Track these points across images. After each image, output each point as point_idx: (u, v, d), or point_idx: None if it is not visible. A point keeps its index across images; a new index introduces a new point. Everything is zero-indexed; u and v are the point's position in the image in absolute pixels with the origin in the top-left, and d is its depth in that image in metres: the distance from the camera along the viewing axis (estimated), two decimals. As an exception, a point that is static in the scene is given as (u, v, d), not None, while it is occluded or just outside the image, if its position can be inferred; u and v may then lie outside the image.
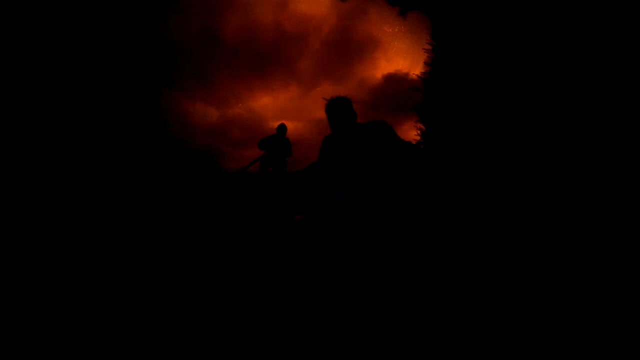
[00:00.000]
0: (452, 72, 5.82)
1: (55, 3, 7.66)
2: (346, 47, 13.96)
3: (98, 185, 6.78)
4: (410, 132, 11.75)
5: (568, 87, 4.18)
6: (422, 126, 7.43)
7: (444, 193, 4.61)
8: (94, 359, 2.77)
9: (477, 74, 5.26)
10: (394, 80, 14.60)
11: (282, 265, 4.54)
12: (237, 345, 2.86)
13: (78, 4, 8.01)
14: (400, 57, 14.75)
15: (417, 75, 7.57)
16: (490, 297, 3.18)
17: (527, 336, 2.68)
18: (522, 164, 4.56)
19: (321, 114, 3.32)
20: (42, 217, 5.63)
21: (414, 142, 7.29)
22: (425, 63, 7.31)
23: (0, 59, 6.32)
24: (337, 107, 3.23)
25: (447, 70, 5.98)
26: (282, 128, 9.04)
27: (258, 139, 9.05)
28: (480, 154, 4.95)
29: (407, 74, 14.27)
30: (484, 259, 3.86)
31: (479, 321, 2.70)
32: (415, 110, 7.17)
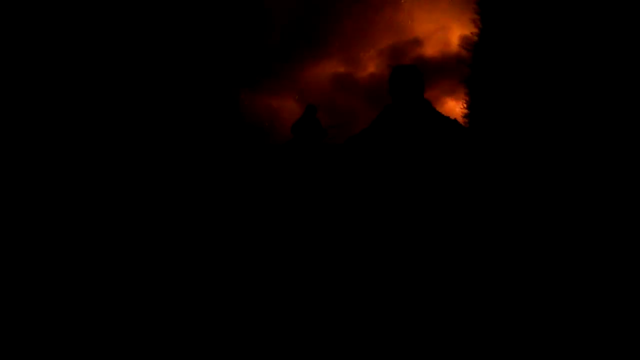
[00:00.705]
0: (503, 44, 5.60)
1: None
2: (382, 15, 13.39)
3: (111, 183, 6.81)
4: (455, 106, 11.44)
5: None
6: (468, 98, 7.25)
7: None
8: (94, 359, 2.75)
9: (529, 48, 5.05)
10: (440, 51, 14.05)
11: (284, 264, 4.42)
12: (237, 345, 2.84)
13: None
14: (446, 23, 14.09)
15: (464, 47, 7.33)
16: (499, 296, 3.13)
17: (527, 336, 2.65)
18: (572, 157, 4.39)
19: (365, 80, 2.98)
20: (46, 216, 5.66)
21: (460, 116, 7.12)
22: (472, 33, 7.06)
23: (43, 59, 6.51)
24: (408, 76, 2.84)
25: (497, 43, 5.76)
26: (311, 109, 8.62)
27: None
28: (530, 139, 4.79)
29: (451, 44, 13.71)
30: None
31: (479, 321, 2.67)
32: (465, 83, 6.97)
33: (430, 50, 13.68)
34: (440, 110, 2.90)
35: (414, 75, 2.87)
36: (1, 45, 5.98)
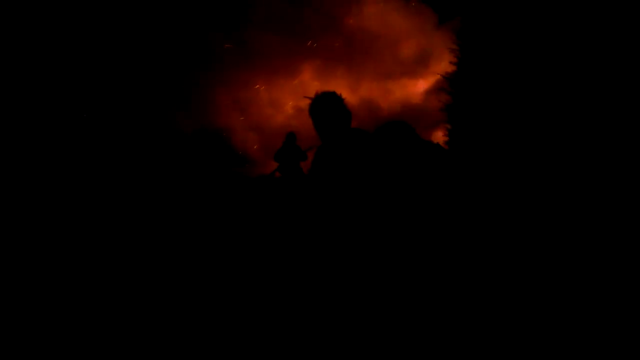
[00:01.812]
0: (482, 73, 5.79)
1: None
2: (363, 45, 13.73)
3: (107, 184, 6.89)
4: (436, 133, 11.66)
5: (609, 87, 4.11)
6: (448, 126, 7.40)
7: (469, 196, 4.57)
8: (94, 359, 2.75)
9: (507, 75, 5.23)
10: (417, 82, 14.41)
11: (283, 265, 4.47)
12: (237, 345, 2.84)
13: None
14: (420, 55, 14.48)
15: (442, 75, 7.55)
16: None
17: (527, 336, 2.66)
18: (552, 163, 4.52)
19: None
20: (47, 216, 5.71)
21: (441, 143, 7.26)
22: (451, 63, 7.29)
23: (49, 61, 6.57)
24: (327, 106, 2.52)
25: (476, 71, 5.95)
26: (291, 136, 9.30)
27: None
28: (512, 152, 4.91)
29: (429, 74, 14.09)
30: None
31: (480, 321, 2.68)
32: (444, 111, 7.14)
33: (410, 79, 14.04)
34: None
35: (333, 103, 2.54)
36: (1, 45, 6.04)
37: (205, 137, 10.99)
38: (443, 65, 11.59)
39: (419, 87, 14.03)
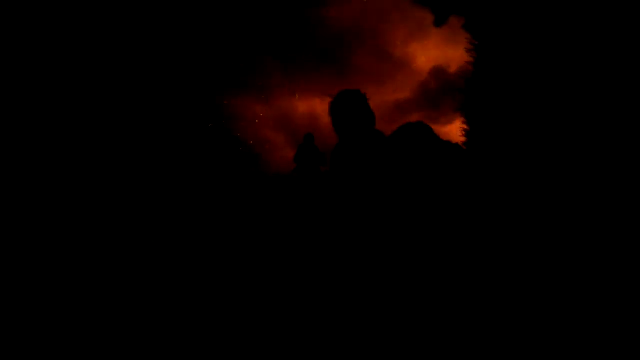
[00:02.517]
0: (498, 73, 5.79)
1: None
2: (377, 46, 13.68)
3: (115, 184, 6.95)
4: (452, 133, 11.62)
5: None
6: (466, 127, 7.39)
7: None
8: (94, 359, 2.76)
9: (522, 75, 5.22)
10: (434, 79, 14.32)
11: (284, 265, 4.47)
12: (237, 345, 2.86)
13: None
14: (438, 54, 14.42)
15: (458, 75, 7.56)
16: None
17: (527, 336, 2.66)
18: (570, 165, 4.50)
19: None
20: (49, 215, 5.77)
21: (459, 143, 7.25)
22: (467, 63, 7.28)
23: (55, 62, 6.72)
24: (351, 105, 2.40)
25: (493, 71, 5.95)
26: (308, 137, 9.18)
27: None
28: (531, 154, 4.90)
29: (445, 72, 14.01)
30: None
31: (480, 321, 2.69)
32: (460, 111, 7.14)
33: (427, 80, 13.98)
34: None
35: (356, 101, 2.42)
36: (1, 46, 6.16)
37: (224, 137, 11.11)
38: (457, 65, 11.56)
39: (433, 87, 13.98)
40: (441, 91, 13.48)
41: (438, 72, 14.14)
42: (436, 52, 14.09)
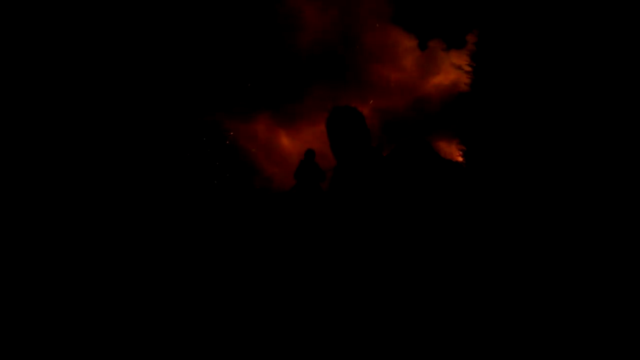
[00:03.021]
0: (495, 94, 5.89)
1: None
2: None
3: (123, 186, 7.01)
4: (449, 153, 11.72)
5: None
6: (463, 147, 7.48)
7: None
8: (94, 359, 2.76)
9: (519, 96, 5.32)
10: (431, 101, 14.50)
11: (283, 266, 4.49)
12: (237, 345, 2.88)
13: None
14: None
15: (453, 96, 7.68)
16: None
17: (527, 336, 2.66)
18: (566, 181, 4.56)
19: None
20: (49, 216, 5.80)
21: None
22: (465, 84, 7.41)
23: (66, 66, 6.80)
24: (345, 121, 2.35)
25: (490, 92, 6.05)
26: (309, 154, 9.25)
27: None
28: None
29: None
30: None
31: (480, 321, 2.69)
32: (457, 132, 7.23)
33: (424, 100, 14.14)
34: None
35: (354, 118, 2.37)
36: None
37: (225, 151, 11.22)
38: (453, 86, 11.74)
39: (432, 107, 14.12)
40: (436, 113, 13.62)
41: (432, 95, 14.32)
42: (430, 75, 14.31)
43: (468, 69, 7.12)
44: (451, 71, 13.12)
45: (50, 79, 6.83)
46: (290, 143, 13.36)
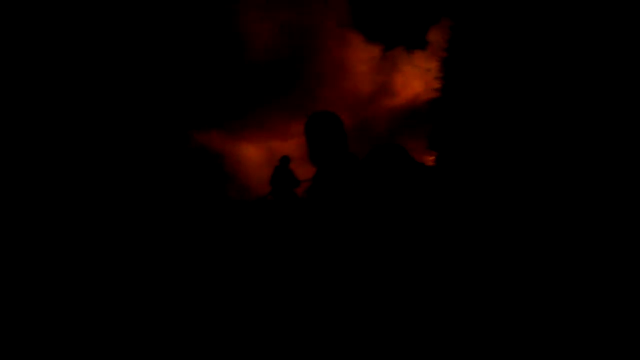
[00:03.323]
0: (464, 100, 5.96)
1: None
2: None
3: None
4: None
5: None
6: (434, 152, 7.54)
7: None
8: (94, 359, 2.76)
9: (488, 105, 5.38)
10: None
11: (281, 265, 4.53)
12: (237, 345, 2.88)
13: None
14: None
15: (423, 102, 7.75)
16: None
17: (527, 336, 2.66)
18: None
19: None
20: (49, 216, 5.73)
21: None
22: (435, 89, 7.47)
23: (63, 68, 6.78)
24: (324, 126, 2.38)
25: (460, 99, 6.12)
26: (284, 160, 9.26)
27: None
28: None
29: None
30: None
31: (479, 321, 2.69)
32: (428, 138, 7.29)
33: (396, 105, 14.27)
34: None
35: (332, 123, 2.39)
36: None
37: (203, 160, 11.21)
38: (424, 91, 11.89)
39: (399, 116, 14.25)
40: (407, 120, 13.74)
41: (403, 102, 14.45)
42: (406, 78, 14.43)
43: (434, 72, 7.21)
44: (415, 75, 13.28)
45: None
46: (256, 152, 13.32)
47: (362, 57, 14.41)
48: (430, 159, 7.40)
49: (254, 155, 13.18)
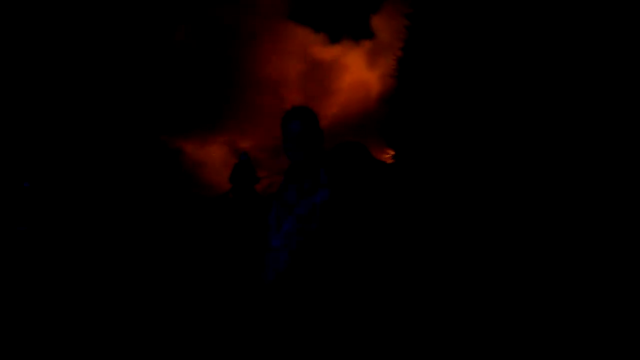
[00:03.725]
0: (423, 95, 5.97)
1: None
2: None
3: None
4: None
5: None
6: (391, 150, 7.55)
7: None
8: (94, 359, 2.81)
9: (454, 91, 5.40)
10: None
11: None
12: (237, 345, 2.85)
13: None
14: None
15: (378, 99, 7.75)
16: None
17: (527, 336, 2.68)
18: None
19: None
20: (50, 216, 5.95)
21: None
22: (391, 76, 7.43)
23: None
24: (301, 121, 2.39)
25: (416, 93, 6.14)
26: (244, 156, 9.15)
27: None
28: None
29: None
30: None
31: (479, 321, 2.69)
32: (383, 133, 7.29)
33: (350, 103, 14.32)
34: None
35: (308, 118, 2.42)
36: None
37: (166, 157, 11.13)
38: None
39: (353, 112, 14.32)
40: (361, 116, 13.82)
41: (356, 96, 14.50)
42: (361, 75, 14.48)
43: (386, 67, 7.22)
44: (365, 68, 13.36)
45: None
46: (217, 150, 13.09)
47: (306, 50, 14.31)
48: (388, 157, 7.42)
49: (215, 153, 12.95)
